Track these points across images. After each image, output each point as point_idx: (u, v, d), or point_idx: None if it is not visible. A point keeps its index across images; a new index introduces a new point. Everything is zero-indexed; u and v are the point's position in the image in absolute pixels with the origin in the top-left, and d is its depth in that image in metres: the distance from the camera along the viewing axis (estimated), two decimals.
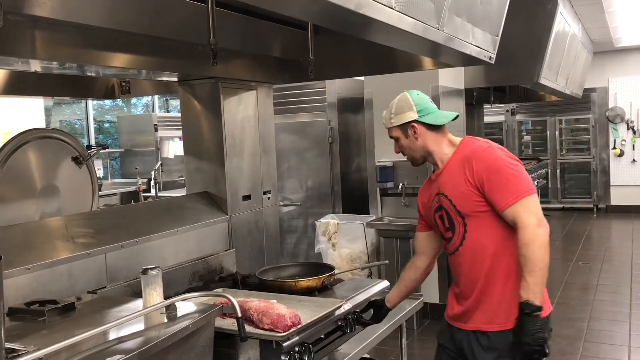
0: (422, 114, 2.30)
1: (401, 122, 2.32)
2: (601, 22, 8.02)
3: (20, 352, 1.57)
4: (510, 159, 2.18)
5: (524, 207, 2.08)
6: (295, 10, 1.95)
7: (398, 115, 2.33)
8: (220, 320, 2.18)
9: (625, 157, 11.11)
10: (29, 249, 2.31)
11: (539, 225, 2.06)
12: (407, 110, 2.31)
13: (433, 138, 2.32)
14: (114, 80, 3.73)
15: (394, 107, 2.35)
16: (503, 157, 2.18)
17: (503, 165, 2.15)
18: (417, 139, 2.32)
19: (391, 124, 2.35)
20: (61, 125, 9.40)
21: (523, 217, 2.07)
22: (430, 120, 2.31)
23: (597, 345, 4.80)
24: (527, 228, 2.06)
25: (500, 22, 3.29)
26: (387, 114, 2.37)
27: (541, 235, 2.05)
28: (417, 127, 2.30)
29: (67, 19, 1.96)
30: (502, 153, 2.21)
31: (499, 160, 2.16)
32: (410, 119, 2.30)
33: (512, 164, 2.16)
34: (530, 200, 2.10)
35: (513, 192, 2.10)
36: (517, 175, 2.13)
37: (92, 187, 3.44)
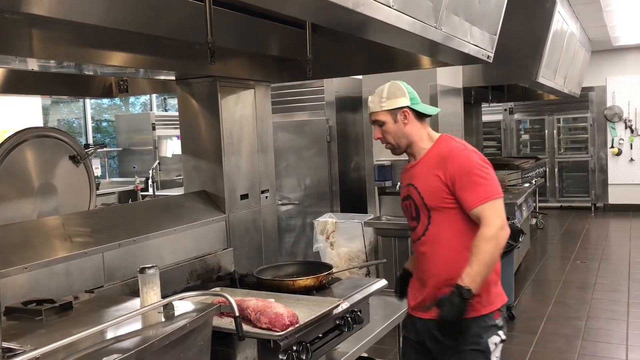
0: (414, 102, 2.39)
1: (393, 106, 2.37)
2: (599, 21, 8.02)
3: (17, 351, 1.56)
4: (483, 162, 2.29)
5: (491, 209, 2.21)
6: (293, 8, 1.95)
7: (390, 100, 2.37)
8: (218, 320, 2.18)
9: (623, 156, 11.13)
10: (27, 248, 2.30)
11: (502, 228, 2.20)
12: (399, 95, 2.37)
13: (418, 128, 2.41)
14: (111, 79, 3.72)
15: (385, 91, 2.39)
16: (476, 160, 2.28)
17: (475, 168, 2.25)
18: (406, 125, 2.38)
19: (381, 108, 2.38)
20: (59, 124, 9.39)
21: (489, 217, 2.20)
22: (420, 109, 2.40)
23: (594, 343, 4.81)
24: (491, 226, 2.19)
25: (499, 21, 3.29)
26: (377, 97, 2.40)
27: (502, 238, 2.20)
28: (409, 113, 2.37)
29: (64, 18, 1.96)
30: (476, 156, 2.31)
31: (472, 162, 2.27)
32: (402, 104, 2.37)
33: (484, 167, 2.27)
34: (497, 203, 2.23)
35: (483, 193, 2.22)
36: (487, 178, 2.25)
37: (90, 186, 3.44)
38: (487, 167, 2.28)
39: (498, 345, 2.34)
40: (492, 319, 2.33)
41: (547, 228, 9.86)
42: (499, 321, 2.35)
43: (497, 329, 2.33)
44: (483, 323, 2.31)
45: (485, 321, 2.32)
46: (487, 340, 2.31)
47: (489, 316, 2.32)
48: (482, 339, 2.31)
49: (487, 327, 2.32)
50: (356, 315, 2.56)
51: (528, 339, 4.90)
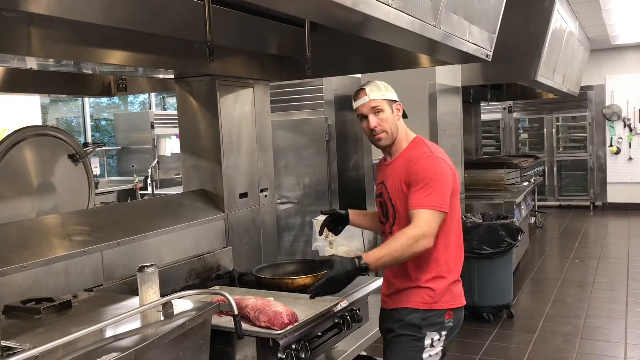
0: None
1: (392, 97, 2.45)
2: (598, 19, 8.03)
3: (16, 350, 1.56)
4: (442, 172, 2.31)
5: (426, 216, 2.25)
6: (292, 7, 1.95)
7: (389, 91, 2.45)
8: (217, 318, 2.18)
9: (622, 154, 11.14)
10: (25, 246, 2.30)
11: (425, 236, 2.22)
12: (393, 91, 2.48)
13: (402, 124, 2.50)
14: (110, 78, 3.72)
15: (380, 83, 2.46)
16: (436, 169, 2.31)
17: (430, 177, 2.29)
18: (398, 119, 2.47)
19: (383, 96, 2.43)
20: (57, 122, 9.38)
21: (420, 221, 2.24)
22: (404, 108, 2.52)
23: (593, 342, 4.81)
24: (417, 229, 2.23)
25: (497, 20, 3.29)
26: (375, 87, 2.44)
27: (419, 244, 2.22)
28: (401, 107, 2.49)
29: (63, 16, 1.96)
30: (438, 166, 2.33)
31: (430, 171, 2.30)
32: (396, 98, 2.48)
33: (439, 177, 2.30)
34: (434, 214, 2.26)
35: (426, 200, 2.26)
36: (437, 189, 2.27)
37: (89, 184, 3.43)
38: (443, 179, 2.30)
39: (435, 343, 2.35)
40: (440, 317, 2.36)
41: (545, 227, 9.87)
42: (449, 322, 2.37)
43: (441, 328, 2.36)
44: (428, 316, 2.35)
45: (431, 315, 2.36)
46: (426, 333, 2.35)
47: (438, 312, 2.36)
48: (422, 329, 2.35)
49: (431, 322, 2.35)
50: (355, 314, 2.57)
51: (527, 337, 4.90)
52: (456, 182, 2.40)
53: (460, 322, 2.46)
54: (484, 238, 5.11)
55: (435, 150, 2.42)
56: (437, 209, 2.26)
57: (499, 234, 5.12)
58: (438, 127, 5.33)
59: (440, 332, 2.36)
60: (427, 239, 2.22)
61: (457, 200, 2.43)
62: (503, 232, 5.12)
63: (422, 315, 2.36)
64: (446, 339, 2.39)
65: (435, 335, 2.35)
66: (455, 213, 2.42)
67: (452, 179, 2.35)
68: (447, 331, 2.37)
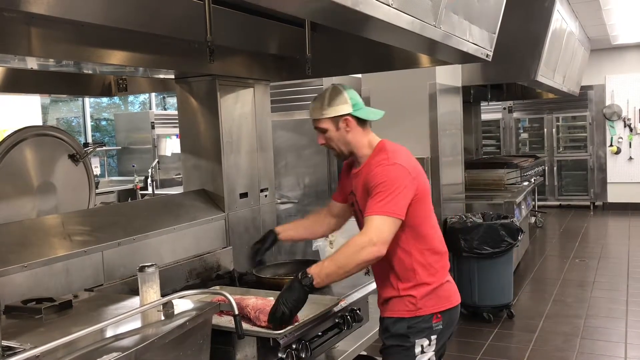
0: (356, 108, 2.35)
1: (335, 114, 2.33)
2: (598, 19, 8.03)
3: (16, 349, 1.57)
4: (396, 180, 2.21)
5: (376, 223, 2.15)
6: (292, 7, 1.95)
7: (332, 107, 2.33)
8: (218, 318, 2.18)
9: (622, 154, 11.14)
10: (26, 246, 2.31)
11: (375, 245, 2.11)
12: (341, 103, 2.34)
13: (360, 134, 2.38)
14: (110, 78, 3.72)
15: (326, 98, 2.35)
16: (391, 177, 2.22)
17: (385, 183, 2.20)
18: (348, 133, 2.36)
19: (322, 115, 2.35)
20: (58, 122, 9.38)
21: (369, 229, 2.15)
22: (362, 115, 2.37)
23: (593, 342, 4.81)
24: (363, 237, 2.14)
25: (498, 20, 3.29)
26: (318, 104, 2.36)
27: (366, 252, 2.11)
28: (350, 120, 2.34)
29: (63, 16, 1.96)
30: (396, 172, 2.23)
31: (386, 177, 2.22)
32: (344, 112, 2.34)
33: (395, 185, 2.20)
34: (385, 220, 2.15)
35: (379, 207, 2.17)
36: (391, 196, 2.18)
37: (89, 184, 3.44)
38: (397, 186, 2.20)
39: (426, 349, 2.32)
40: (427, 322, 2.32)
41: (546, 226, 9.87)
42: (437, 325, 2.33)
43: (430, 332, 2.32)
44: (414, 323, 2.31)
45: (417, 322, 2.32)
46: (414, 341, 2.31)
47: (423, 318, 2.32)
48: (409, 338, 2.32)
49: (418, 329, 2.31)
50: (355, 314, 2.57)
51: (527, 337, 4.91)
52: (421, 186, 2.31)
53: (454, 322, 2.42)
54: (484, 238, 5.11)
55: (394, 156, 2.31)
56: (389, 215, 2.16)
57: (499, 233, 5.12)
58: (438, 127, 5.33)
59: (429, 337, 2.32)
60: (375, 246, 2.11)
61: (425, 203, 2.35)
62: (503, 232, 5.12)
63: (407, 323, 2.32)
64: (438, 342, 2.35)
65: (425, 341, 2.32)
66: (426, 217, 2.36)
67: (412, 184, 2.25)
68: (437, 335, 2.34)
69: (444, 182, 5.44)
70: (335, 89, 2.37)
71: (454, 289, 2.44)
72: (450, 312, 2.39)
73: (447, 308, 2.37)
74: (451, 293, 2.42)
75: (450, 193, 5.65)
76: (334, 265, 2.14)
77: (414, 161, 2.37)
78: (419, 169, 2.35)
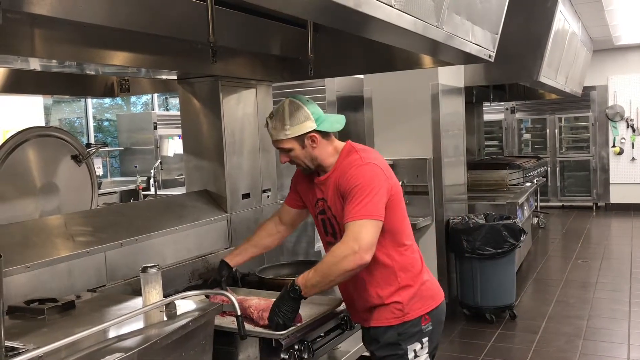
0: (319, 122, 2.25)
1: (299, 132, 2.23)
2: (601, 20, 8.02)
3: (20, 350, 1.57)
4: (373, 180, 2.14)
5: (357, 229, 2.07)
6: (294, 8, 1.95)
7: (295, 126, 2.22)
8: (220, 319, 2.19)
9: (625, 155, 11.11)
10: (29, 247, 2.31)
11: (356, 253, 2.04)
12: (304, 119, 2.23)
13: (324, 145, 2.29)
14: (113, 79, 3.73)
15: (287, 117, 2.23)
16: (367, 176, 2.14)
17: (360, 185, 2.12)
18: (314, 149, 2.26)
19: (286, 136, 2.23)
20: (60, 123, 9.39)
21: (348, 236, 2.08)
22: (326, 127, 2.27)
23: (596, 343, 4.80)
24: (345, 246, 2.06)
25: (500, 20, 3.29)
26: (279, 123, 2.24)
27: (350, 262, 2.04)
28: (315, 136, 2.25)
29: (66, 17, 1.96)
30: (370, 172, 2.16)
31: (360, 179, 2.14)
32: (309, 129, 2.23)
33: (372, 186, 2.12)
34: (364, 224, 2.07)
35: (357, 211, 2.09)
36: (368, 198, 2.10)
37: (92, 185, 3.44)
38: (375, 186, 2.12)
39: (419, 352, 2.28)
40: (416, 326, 2.27)
41: (548, 227, 9.85)
42: (427, 327, 2.28)
43: (421, 335, 2.28)
44: (404, 329, 2.27)
45: (406, 328, 2.27)
46: (406, 348, 2.26)
47: (413, 323, 2.27)
48: (401, 345, 2.26)
49: (409, 334, 2.27)
50: None
51: (529, 338, 4.90)
52: (396, 186, 2.25)
53: (441, 317, 2.37)
54: (486, 239, 5.11)
55: (366, 155, 2.23)
56: (368, 217, 2.08)
57: (502, 234, 5.11)
58: (441, 128, 5.33)
59: (420, 340, 2.28)
60: (357, 254, 2.03)
61: (401, 203, 2.28)
62: (506, 233, 5.12)
63: (397, 330, 2.26)
64: (430, 343, 2.31)
65: (417, 346, 2.27)
66: (403, 217, 2.30)
67: (387, 183, 2.19)
68: (428, 336, 2.29)
69: (447, 183, 5.43)
70: (294, 104, 2.25)
71: (435, 286, 2.38)
72: (437, 311, 2.34)
73: (433, 308, 2.32)
74: (434, 291, 2.36)
75: (452, 194, 5.64)
76: (318, 276, 2.10)
77: (384, 160, 2.31)
78: (389, 169, 2.28)
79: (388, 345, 2.27)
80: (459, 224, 5.28)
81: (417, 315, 2.27)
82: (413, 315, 2.26)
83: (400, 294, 2.26)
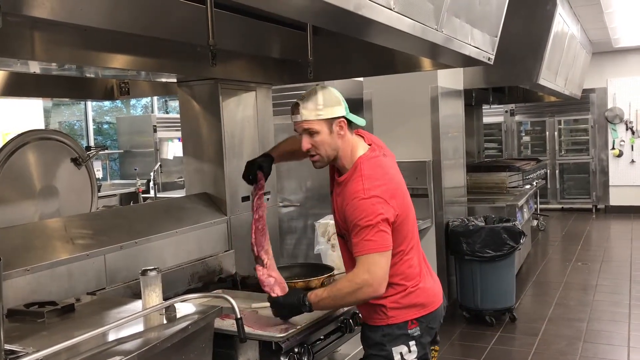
0: (348, 111, 2.26)
1: (331, 115, 2.20)
2: (600, 22, 8.03)
3: (19, 353, 1.57)
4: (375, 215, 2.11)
5: (369, 262, 2.11)
6: (294, 11, 1.95)
7: (328, 108, 2.20)
8: (220, 321, 2.18)
9: (624, 157, 11.12)
10: (28, 250, 2.31)
11: (371, 285, 2.10)
12: (336, 104, 2.22)
13: (348, 139, 2.27)
14: (113, 82, 3.73)
15: (320, 98, 2.20)
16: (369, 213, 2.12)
17: (364, 221, 2.11)
18: (340, 137, 2.24)
19: (318, 117, 2.19)
20: (60, 126, 9.39)
21: (359, 269, 2.13)
22: (353, 119, 2.28)
23: (596, 345, 4.80)
24: (360, 278, 2.12)
25: (499, 23, 3.30)
26: (311, 104, 2.20)
27: (364, 293, 2.13)
28: (345, 123, 2.24)
29: (66, 20, 1.96)
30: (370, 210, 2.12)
31: (364, 215, 2.12)
32: (340, 113, 2.22)
33: (377, 220, 2.11)
34: (375, 258, 2.11)
35: (364, 245, 2.12)
36: (374, 230, 2.11)
37: (92, 188, 3.44)
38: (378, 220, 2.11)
39: (407, 356, 2.26)
40: (401, 329, 2.26)
41: (548, 230, 9.85)
42: (413, 331, 2.26)
43: (407, 339, 2.26)
44: (389, 331, 2.26)
45: (391, 330, 2.26)
46: (391, 349, 2.25)
47: (398, 326, 2.26)
48: (385, 346, 2.26)
49: (393, 336, 2.26)
50: (357, 317, 2.57)
51: (529, 340, 4.90)
52: (400, 206, 2.21)
53: (433, 324, 2.33)
54: (486, 241, 5.11)
55: (370, 184, 2.17)
56: (378, 251, 2.11)
57: (502, 237, 5.11)
58: (440, 130, 5.33)
59: (407, 343, 2.25)
60: (371, 287, 2.10)
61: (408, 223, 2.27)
62: (505, 235, 5.12)
63: (382, 331, 2.27)
64: (420, 348, 2.28)
65: (403, 348, 2.25)
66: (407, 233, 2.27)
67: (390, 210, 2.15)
68: (415, 340, 2.26)
69: (446, 185, 5.43)
70: (328, 89, 2.24)
71: (430, 293, 2.34)
72: (427, 318, 2.31)
73: (422, 315, 2.29)
74: (427, 299, 2.32)
75: (452, 196, 5.65)
76: (331, 300, 2.19)
77: (389, 179, 2.24)
78: (395, 188, 2.23)
79: (374, 345, 2.29)
80: (458, 226, 5.28)
81: (402, 319, 2.26)
82: (397, 319, 2.26)
83: (387, 300, 2.24)
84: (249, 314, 2.37)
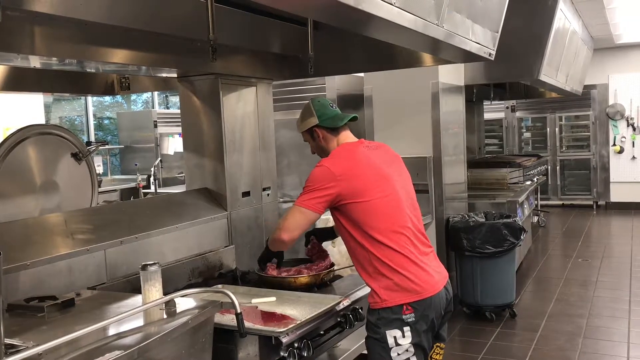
0: (322, 118, 2.61)
1: (306, 127, 2.65)
2: (601, 18, 8.01)
3: (19, 347, 1.57)
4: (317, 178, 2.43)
5: (289, 212, 2.48)
6: (294, 6, 1.95)
7: (304, 122, 2.66)
8: (220, 316, 2.19)
9: (625, 154, 11.11)
10: (29, 245, 2.31)
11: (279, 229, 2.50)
12: (309, 117, 2.63)
13: (330, 139, 2.64)
14: (113, 77, 3.73)
15: (300, 114, 2.68)
16: (313, 175, 2.46)
17: (307, 180, 2.47)
18: (322, 142, 2.64)
19: (300, 129, 2.70)
20: (61, 121, 9.39)
21: (282, 218, 2.52)
22: (328, 124, 2.61)
23: (596, 341, 4.81)
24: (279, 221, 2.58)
25: (500, 19, 3.29)
26: (298, 120, 2.71)
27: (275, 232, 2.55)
28: (319, 131, 2.62)
29: (66, 15, 1.96)
30: (317, 173, 2.45)
31: (310, 176, 2.47)
32: (312, 124, 2.62)
33: (313, 182, 2.44)
34: (294, 210, 2.46)
35: (296, 201, 2.47)
36: (306, 190, 2.45)
37: (92, 183, 3.44)
38: (316, 182, 2.42)
39: (400, 340, 2.31)
40: (395, 313, 2.33)
41: (548, 226, 9.86)
42: (408, 317, 2.32)
43: (401, 324, 2.32)
44: (384, 315, 2.34)
45: (386, 314, 2.34)
46: (385, 332, 2.32)
47: (392, 310, 2.33)
48: (380, 329, 2.34)
49: (388, 320, 2.33)
50: (357, 312, 2.57)
51: (529, 336, 4.90)
52: (352, 188, 2.39)
53: (428, 312, 2.36)
54: (486, 237, 5.11)
55: (329, 159, 2.51)
56: (298, 205, 2.43)
57: (502, 233, 5.12)
58: (441, 126, 5.33)
59: (401, 328, 2.31)
60: (280, 230, 2.48)
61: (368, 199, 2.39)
62: (506, 231, 5.12)
63: (378, 315, 2.35)
64: (414, 334, 2.32)
65: (397, 332, 2.31)
66: (372, 210, 2.39)
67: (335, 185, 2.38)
68: (409, 326, 2.32)
69: (447, 181, 5.43)
70: (307, 104, 2.66)
71: (427, 279, 2.39)
72: (424, 304, 2.35)
73: (417, 300, 2.34)
74: (423, 284, 2.37)
75: (452, 192, 5.64)
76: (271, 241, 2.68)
77: (351, 160, 2.48)
78: (353, 169, 2.44)
79: (371, 327, 2.39)
80: (459, 222, 5.28)
81: (395, 303, 2.33)
82: (390, 303, 2.34)
83: (377, 282, 2.37)
84: (248, 309, 2.37)
